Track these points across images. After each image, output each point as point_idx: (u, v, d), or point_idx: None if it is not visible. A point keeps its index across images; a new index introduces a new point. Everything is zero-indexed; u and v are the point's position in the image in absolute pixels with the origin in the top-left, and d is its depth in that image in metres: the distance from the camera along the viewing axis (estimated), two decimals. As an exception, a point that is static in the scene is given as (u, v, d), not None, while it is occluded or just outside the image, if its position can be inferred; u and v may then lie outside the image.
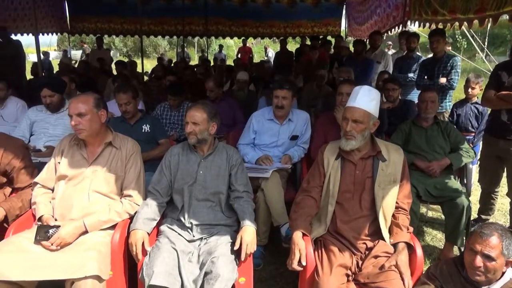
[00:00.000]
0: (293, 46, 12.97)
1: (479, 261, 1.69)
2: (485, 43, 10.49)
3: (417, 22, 5.43)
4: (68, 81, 3.95)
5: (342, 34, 10.56)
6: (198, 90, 5.32)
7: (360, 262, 2.01)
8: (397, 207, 2.13)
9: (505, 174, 3.12)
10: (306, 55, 7.53)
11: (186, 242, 2.14)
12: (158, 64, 8.96)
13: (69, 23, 10.62)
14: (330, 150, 2.23)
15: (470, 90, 3.87)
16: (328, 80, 5.63)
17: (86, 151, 2.27)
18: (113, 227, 2.17)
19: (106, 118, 2.29)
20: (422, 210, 3.48)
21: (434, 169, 2.96)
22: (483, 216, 3.45)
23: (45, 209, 2.18)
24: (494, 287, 1.73)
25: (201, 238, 2.17)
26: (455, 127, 3.28)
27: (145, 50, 18.71)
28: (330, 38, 10.34)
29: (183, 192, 2.27)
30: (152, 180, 2.36)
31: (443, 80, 4.20)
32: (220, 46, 14.32)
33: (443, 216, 3.00)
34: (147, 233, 2.12)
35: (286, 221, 2.68)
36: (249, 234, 2.09)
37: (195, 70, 7.29)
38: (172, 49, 23.28)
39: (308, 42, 9.95)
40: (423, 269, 2.04)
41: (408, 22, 5.73)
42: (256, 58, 15.09)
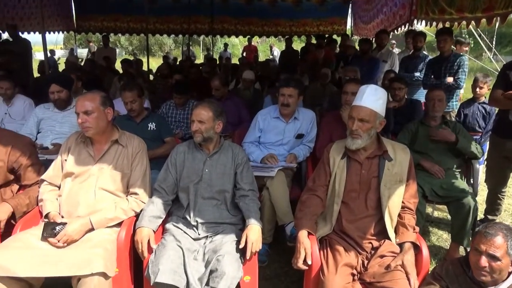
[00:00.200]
0: (298, 45, 12.93)
1: (484, 261, 1.68)
2: (492, 42, 10.38)
3: (423, 21, 5.40)
4: (74, 79, 3.98)
5: (347, 33, 10.52)
6: (204, 88, 5.32)
7: (365, 262, 2.01)
8: (403, 207, 2.12)
9: (512, 174, 3.10)
10: (311, 54, 7.51)
11: (192, 240, 2.15)
12: (164, 62, 8.98)
13: (75, 22, 10.68)
14: (336, 149, 2.22)
15: (478, 89, 3.84)
16: (333, 79, 5.61)
17: (93, 149, 2.28)
18: (119, 225, 2.18)
19: (112, 116, 2.30)
20: (428, 210, 3.47)
21: (439, 135, 2.98)
22: (490, 216, 3.42)
23: (51, 206, 2.19)
24: (501, 288, 1.72)
25: (206, 236, 2.18)
26: (463, 127, 3.25)
27: (150, 48, 18.74)
28: (335, 37, 10.30)
29: (189, 190, 2.28)
30: (158, 178, 2.36)
31: (450, 79, 4.17)
32: (225, 45, 14.33)
33: (449, 216, 2.98)
34: (153, 231, 2.13)
35: (291, 220, 2.68)
36: (254, 232, 2.09)
37: (201, 68, 7.30)
38: (177, 47, 23.31)
39: (313, 41, 9.92)
40: (429, 269, 2.03)
41: (414, 21, 5.69)
42: (261, 57, 15.07)
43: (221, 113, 2.35)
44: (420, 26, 6.53)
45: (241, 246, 2.05)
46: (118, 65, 7.79)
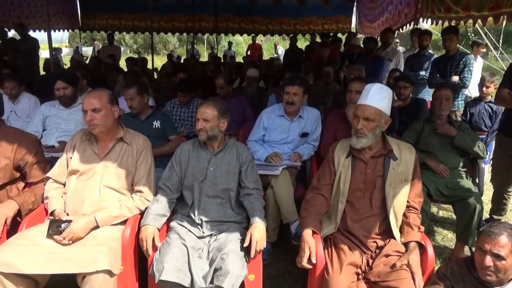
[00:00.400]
0: (303, 43, 12.88)
1: (489, 260, 1.68)
2: (499, 41, 10.28)
3: (429, 20, 5.36)
4: (79, 77, 3.99)
5: (352, 31, 10.48)
6: (208, 87, 5.32)
7: (370, 261, 2.00)
8: (408, 206, 2.11)
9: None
10: (316, 53, 7.48)
11: (196, 239, 2.15)
12: (168, 61, 8.99)
13: (80, 20, 10.72)
14: (340, 148, 2.21)
15: (484, 88, 3.82)
16: (338, 78, 5.59)
17: (98, 147, 2.29)
18: (124, 223, 2.19)
19: (118, 114, 2.31)
20: (433, 209, 3.45)
21: (442, 129, 2.97)
22: (495, 216, 3.40)
23: (57, 203, 2.20)
24: (507, 288, 1.71)
25: (210, 235, 2.18)
26: (469, 127, 3.23)
27: (155, 47, 18.76)
28: (340, 35, 10.27)
29: (193, 188, 2.28)
30: (162, 176, 2.37)
31: (456, 78, 4.14)
32: (229, 43, 14.31)
33: (454, 215, 2.96)
34: (158, 229, 2.14)
35: (295, 218, 2.68)
36: (258, 231, 2.09)
37: (205, 67, 7.30)
38: (181, 46, 23.34)
39: (318, 40, 9.89)
40: (434, 268, 2.02)
41: (420, 19, 5.65)
42: (265, 55, 15.07)
43: (225, 111, 2.35)
44: (425, 24, 6.48)
45: (245, 245, 2.05)
46: (123, 63, 7.82)
